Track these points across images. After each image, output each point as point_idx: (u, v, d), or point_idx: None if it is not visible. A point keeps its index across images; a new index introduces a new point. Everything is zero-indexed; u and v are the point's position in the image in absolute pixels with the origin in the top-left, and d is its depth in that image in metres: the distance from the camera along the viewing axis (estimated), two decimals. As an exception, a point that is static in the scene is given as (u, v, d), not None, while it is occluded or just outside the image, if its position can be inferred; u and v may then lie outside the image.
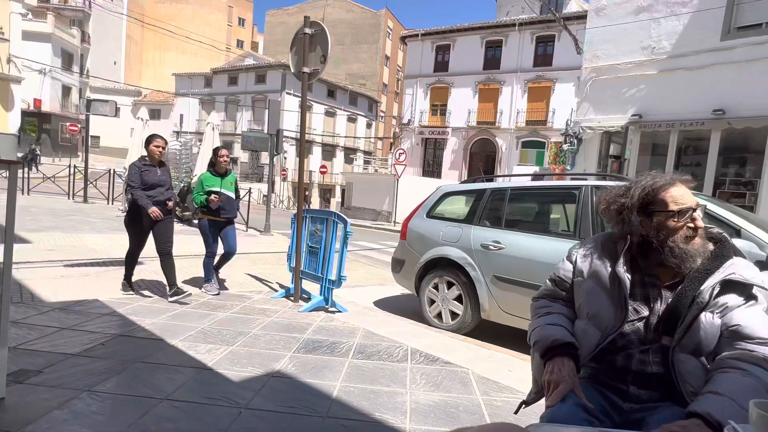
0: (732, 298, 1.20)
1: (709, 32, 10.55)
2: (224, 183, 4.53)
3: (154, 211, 3.87)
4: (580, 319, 1.36)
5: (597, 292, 1.33)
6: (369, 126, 40.15)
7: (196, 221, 9.01)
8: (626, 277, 1.29)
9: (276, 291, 4.89)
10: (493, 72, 25.56)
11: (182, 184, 10.88)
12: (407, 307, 4.81)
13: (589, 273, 1.38)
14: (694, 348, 1.19)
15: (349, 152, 36.63)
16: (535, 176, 4.08)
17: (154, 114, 35.56)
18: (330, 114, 34.83)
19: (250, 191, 11.22)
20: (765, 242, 2.48)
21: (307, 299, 4.52)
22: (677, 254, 1.23)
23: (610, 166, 12.32)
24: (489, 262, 3.64)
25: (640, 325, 1.28)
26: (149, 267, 5.14)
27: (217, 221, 4.55)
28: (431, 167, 27.90)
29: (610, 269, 1.34)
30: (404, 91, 29.69)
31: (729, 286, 1.21)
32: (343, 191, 27.50)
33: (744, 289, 1.21)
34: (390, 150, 34.03)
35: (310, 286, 4.76)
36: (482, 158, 26.37)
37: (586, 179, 3.68)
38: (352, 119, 37.27)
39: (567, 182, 3.61)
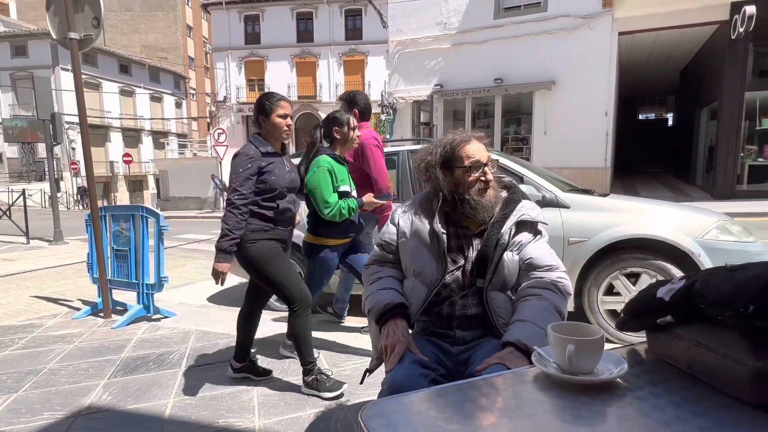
0: (525, 236, 1.38)
1: (485, 11, 12.27)
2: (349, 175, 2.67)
3: (223, 268, 2.13)
4: (408, 278, 1.41)
5: (420, 249, 1.39)
6: (179, 105, 35.96)
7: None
8: (442, 232, 1.37)
9: (78, 310, 4.03)
10: (307, 45, 25.36)
11: None
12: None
13: (411, 233, 1.43)
14: (502, 284, 1.34)
15: (159, 136, 32.35)
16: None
17: None
18: (127, 93, 29.97)
19: (24, 194, 8.93)
20: (541, 185, 3.02)
21: (124, 311, 3.85)
22: (473, 206, 1.35)
23: (422, 132, 13.63)
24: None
25: (459, 273, 1.38)
26: None
27: (343, 244, 2.66)
28: (257, 146, 26.66)
29: (428, 227, 1.41)
30: (215, 66, 27.30)
31: (521, 225, 1.38)
32: (157, 181, 24.27)
33: (532, 227, 1.40)
34: (208, 131, 31.22)
35: (126, 296, 4.06)
36: (309, 133, 26.31)
37: (404, 145, 3.92)
38: (156, 98, 32.78)
39: (386, 149, 3.78)
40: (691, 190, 12.33)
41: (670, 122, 21.02)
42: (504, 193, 1.46)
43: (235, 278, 4.79)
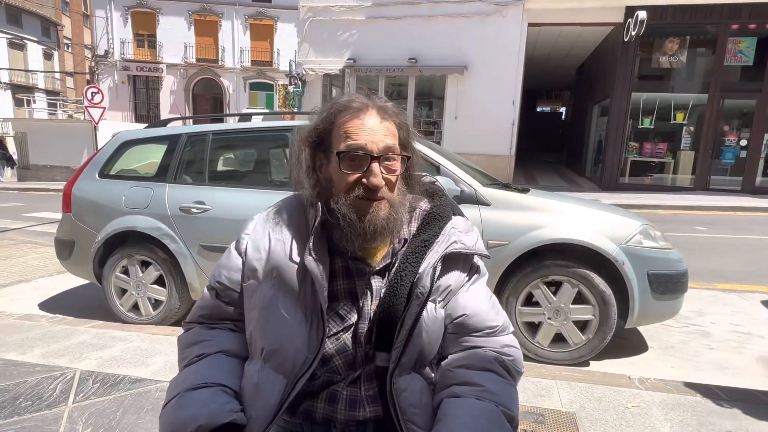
0: (455, 277, 0.84)
1: (387, -16, 11.69)
2: None
3: None
4: (254, 361, 0.80)
5: (279, 303, 0.79)
6: (49, 57, 30.55)
7: None
8: (319, 270, 0.78)
9: None
10: (208, 1, 22.75)
11: None
12: (102, 300, 3.52)
13: (266, 270, 0.82)
14: (417, 360, 0.80)
15: (20, 91, 27.11)
16: (242, 117, 3.39)
17: None
18: (-27, 34, 24.53)
19: None
20: (460, 178, 2.58)
21: None
22: (342, 226, 0.79)
23: (333, 108, 12.85)
24: (193, 230, 2.85)
25: (347, 337, 0.81)
26: None
27: None
28: (147, 111, 23.64)
29: (298, 258, 0.81)
30: (94, 13, 23.42)
31: (451, 260, 0.84)
32: (17, 145, 20.26)
33: (466, 261, 0.87)
34: (86, 89, 26.92)
35: None
36: (209, 100, 23.90)
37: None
38: (17, 45, 27.40)
39: (277, 123, 3.08)
40: (581, 181, 13.24)
41: (563, 116, 22.63)
42: (424, 204, 0.91)
43: (78, 279, 3.77)
